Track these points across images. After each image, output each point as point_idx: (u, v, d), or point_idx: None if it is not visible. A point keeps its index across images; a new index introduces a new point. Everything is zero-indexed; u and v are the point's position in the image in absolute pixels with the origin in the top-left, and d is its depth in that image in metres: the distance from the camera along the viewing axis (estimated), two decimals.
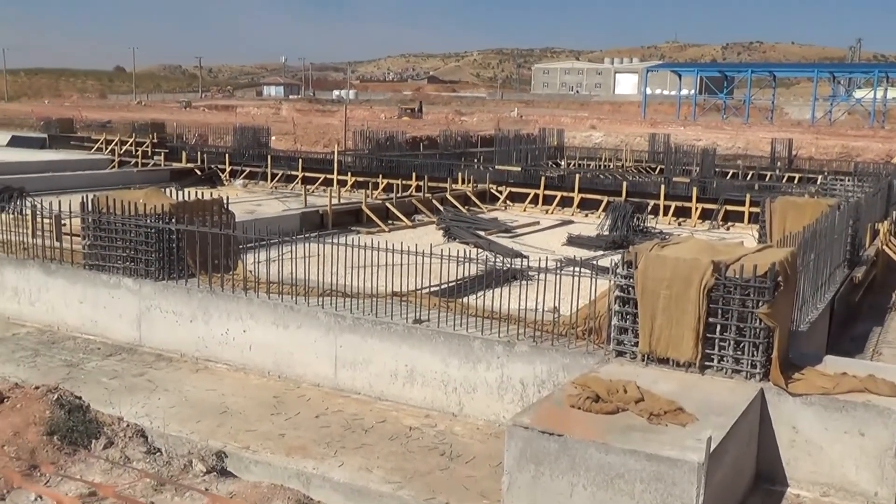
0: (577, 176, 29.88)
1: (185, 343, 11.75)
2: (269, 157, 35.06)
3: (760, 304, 8.20)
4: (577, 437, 6.82)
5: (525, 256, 17.67)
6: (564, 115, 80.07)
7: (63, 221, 15.11)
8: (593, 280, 9.56)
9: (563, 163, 41.38)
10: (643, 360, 8.72)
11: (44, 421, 5.46)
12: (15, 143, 42.64)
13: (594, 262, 13.04)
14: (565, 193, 28.55)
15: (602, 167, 40.45)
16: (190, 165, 35.19)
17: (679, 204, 26.87)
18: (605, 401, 7.46)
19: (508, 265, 11.45)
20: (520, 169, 34.20)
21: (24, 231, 14.54)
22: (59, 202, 13.92)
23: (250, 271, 12.01)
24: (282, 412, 9.80)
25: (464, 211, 26.70)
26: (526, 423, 7.01)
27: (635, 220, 23.71)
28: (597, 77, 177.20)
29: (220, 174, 34.44)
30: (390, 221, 24.42)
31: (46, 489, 4.51)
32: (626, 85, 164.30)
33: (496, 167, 34.10)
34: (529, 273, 11.48)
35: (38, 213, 15.63)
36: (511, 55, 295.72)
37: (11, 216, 15.74)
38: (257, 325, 11.16)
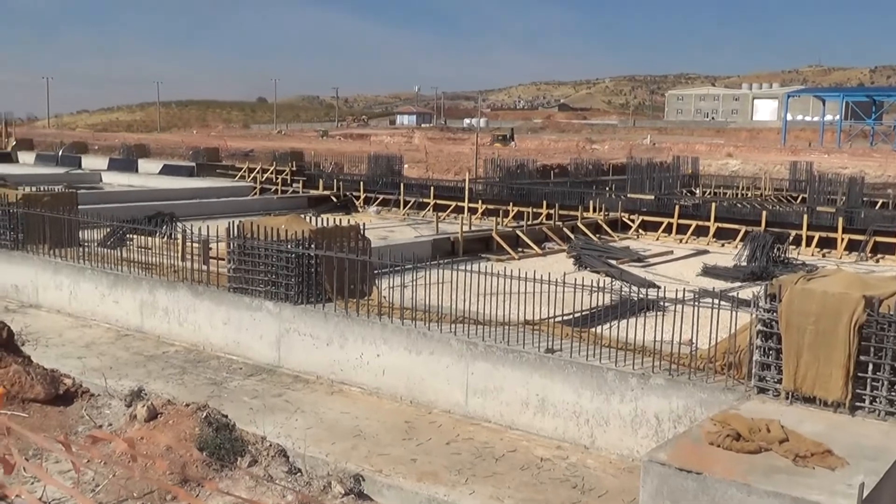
0: (713, 204, 29.03)
1: (322, 366, 12.07)
2: (401, 184, 35.76)
3: None
4: (717, 476, 6.58)
5: (658, 286, 17.27)
6: (699, 143, 78.13)
7: (210, 246, 15.89)
8: (733, 313, 9.24)
9: (697, 191, 40.32)
10: (787, 398, 8.35)
11: (194, 437, 5.72)
12: (166, 171, 45.21)
13: (734, 294, 12.61)
14: (700, 222, 27.76)
15: (739, 196, 39.16)
16: (326, 193, 36.34)
17: (823, 235, 25.61)
18: (747, 439, 7.17)
19: (641, 295, 11.21)
20: (653, 197, 33.54)
21: (175, 254, 15.39)
22: (208, 227, 14.62)
23: (384, 297, 12.25)
24: (413, 437, 9.91)
25: (595, 239, 26.38)
26: (663, 460, 6.82)
27: (776, 250, 22.78)
28: (734, 103, 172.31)
29: (355, 201, 35.38)
30: (520, 249, 24.39)
31: (199, 501, 4.72)
32: (765, 111, 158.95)
33: (628, 195, 33.57)
34: (663, 304, 11.22)
35: (187, 237, 16.52)
36: (644, 82, 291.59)
37: (163, 240, 16.71)
38: (391, 350, 11.36)
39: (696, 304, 9.55)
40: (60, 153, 53.75)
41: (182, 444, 5.45)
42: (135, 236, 18.76)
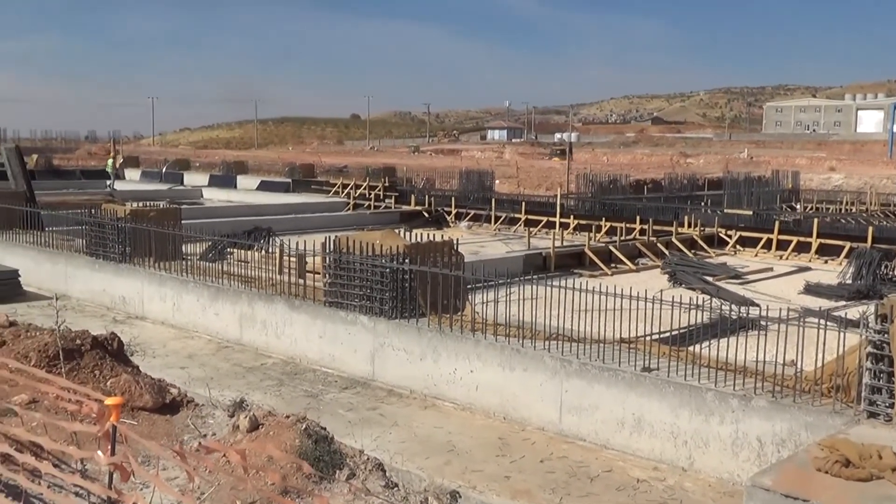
0: (816, 220, 28.07)
1: (415, 380, 12.14)
2: (492, 199, 35.82)
3: None
4: (825, 503, 6.32)
5: (757, 304, 16.76)
6: (799, 156, 75.82)
7: (305, 260, 16.22)
8: (841, 333, 8.89)
9: (798, 206, 39.10)
10: None
11: (294, 449, 5.83)
12: (263, 187, 46.44)
13: (843, 314, 12.11)
14: (802, 238, 26.85)
15: (843, 211, 37.78)
16: (418, 208, 36.70)
17: None
18: (857, 466, 6.87)
19: (741, 314, 10.88)
20: (751, 212, 32.67)
21: (272, 268, 15.75)
22: (305, 242, 14.91)
23: (477, 312, 12.25)
24: (507, 454, 9.85)
25: (690, 255, 25.83)
26: (767, 485, 6.59)
27: (883, 268, 21.86)
28: (836, 115, 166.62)
29: (446, 216, 35.61)
30: (613, 265, 24.08)
31: None
32: (870, 123, 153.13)
33: (725, 210, 32.81)
34: (765, 323, 10.86)
35: (284, 251, 16.92)
36: (741, 94, 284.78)
37: (261, 254, 17.14)
38: (484, 366, 11.34)
39: (801, 323, 9.22)
40: (164, 170, 55.93)
41: (284, 455, 5.55)
42: (234, 250, 19.35)
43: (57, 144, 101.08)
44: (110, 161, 51.15)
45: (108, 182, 47.49)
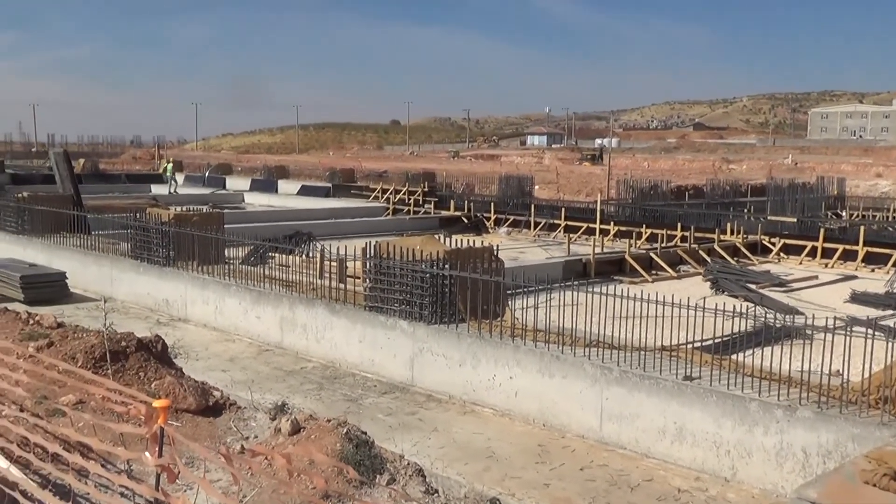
0: (862, 227, 27.56)
1: (454, 386, 12.14)
2: (532, 205, 35.71)
3: None
4: None
5: (802, 313, 16.50)
6: (845, 162, 74.60)
7: (346, 264, 16.30)
8: (889, 343, 8.71)
9: (844, 213, 38.42)
10: None
11: (335, 453, 5.86)
12: (304, 191, 46.79)
13: (890, 324, 11.88)
14: (848, 246, 26.37)
15: (891, 218, 37.03)
16: (457, 213, 36.69)
17: None
18: None
19: (785, 322, 10.72)
20: (795, 220, 32.19)
21: (313, 272, 15.86)
22: (345, 247, 15.00)
23: (517, 318, 12.21)
24: (546, 461, 9.81)
25: (732, 262, 25.51)
26: (812, 498, 6.47)
27: None
28: (883, 120, 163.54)
29: (486, 222, 35.57)
30: (654, 272, 23.85)
31: None
32: None
33: (769, 217, 32.36)
34: (810, 332, 10.69)
35: (325, 256, 17.03)
36: (785, 99, 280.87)
37: (302, 259, 17.28)
38: (523, 372, 11.30)
39: (848, 333, 9.05)
40: (207, 174, 56.62)
41: (326, 459, 5.58)
42: (275, 254, 19.53)
43: (103, 149, 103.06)
44: (169, 165, 51.95)
45: (170, 187, 48.30)
